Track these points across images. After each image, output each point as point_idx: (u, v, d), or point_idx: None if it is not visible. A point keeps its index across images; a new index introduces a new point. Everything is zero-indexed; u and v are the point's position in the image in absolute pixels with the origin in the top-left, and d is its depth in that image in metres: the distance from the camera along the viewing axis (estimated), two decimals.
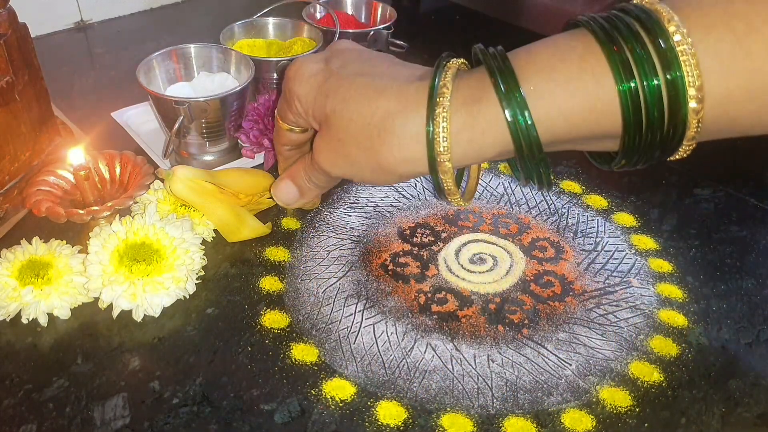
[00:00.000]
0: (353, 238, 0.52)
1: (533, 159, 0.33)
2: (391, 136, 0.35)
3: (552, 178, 0.34)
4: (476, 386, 0.41)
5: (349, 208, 0.55)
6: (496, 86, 0.32)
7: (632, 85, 0.30)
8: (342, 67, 0.38)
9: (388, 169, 0.36)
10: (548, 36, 0.35)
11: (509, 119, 0.32)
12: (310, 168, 0.42)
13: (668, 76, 0.29)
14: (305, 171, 0.43)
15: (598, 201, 0.57)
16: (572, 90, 0.31)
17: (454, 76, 0.34)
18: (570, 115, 0.32)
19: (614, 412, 0.40)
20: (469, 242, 0.52)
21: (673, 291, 0.49)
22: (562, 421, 0.39)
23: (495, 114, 0.32)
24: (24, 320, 0.43)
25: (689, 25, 0.29)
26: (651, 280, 0.49)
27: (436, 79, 0.34)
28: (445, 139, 0.33)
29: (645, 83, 0.30)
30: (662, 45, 0.29)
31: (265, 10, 0.67)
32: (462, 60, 0.36)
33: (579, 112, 0.31)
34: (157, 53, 0.58)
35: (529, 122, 0.31)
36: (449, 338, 0.44)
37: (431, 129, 0.33)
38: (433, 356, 0.43)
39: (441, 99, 0.33)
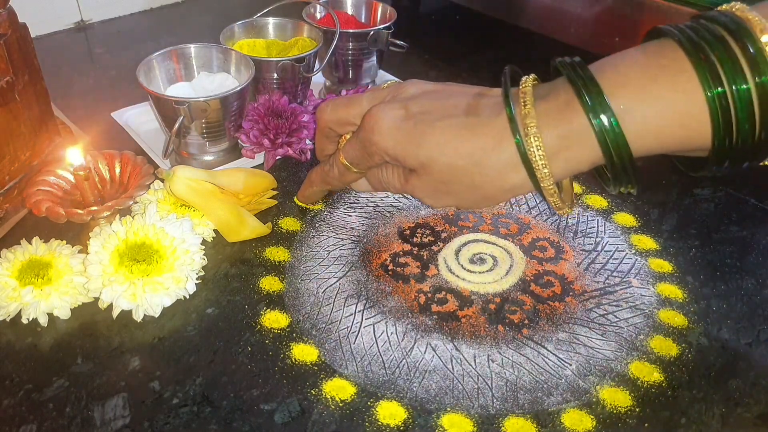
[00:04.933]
0: (353, 238, 0.52)
1: (623, 167, 0.34)
2: (491, 171, 0.36)
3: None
4: (476, 386, 0.41)
5: (349, 208, 0.55)
6: (585, 106, 0.33)
7: (720, 90, 0.30)
8: (423, 112, 0.39)
9: (492, 199, 0.39)
10: (547, 36, 0.36)
11: (601, 142, 0.33)
12: (398, 189, 0.43)
13: (758, 79, 0.29)
14: (384, 184, 0.43)
15: (598, 201, 0.57)
16: (663, 109, 0.32)
17: (534, 101, 0.35)
18: (660, 133, 0.33)
19: (614, 412, 0.40)
20: (469, 242, 0.52)
21: (673, 291, 0.49)
22: (562, 421, 0.39)
23: (586, 133, 0.33)
24: (24, 320, 0.43)
25: None
26: (651, 280, 0.49)
27: (512, 110, 0.35)
28: (544, 165, 0.35)
29: (734, 87, 0.30)
30: (751, 50, 0.29)
31: (265, 10, 0.67)
32: (532, 76, 0.37)
33: (669, 130, 0.32)
34: (157, 53, 0.58)
35: (621, 141, 0.33)
36: (449, 338, 0.44)
37: (527, 161, 0.35)
38: (433, 356, 0.43)
39: (530, 130, 0.34)
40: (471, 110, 0.37)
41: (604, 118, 0.32)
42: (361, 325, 0.45)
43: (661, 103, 0.32)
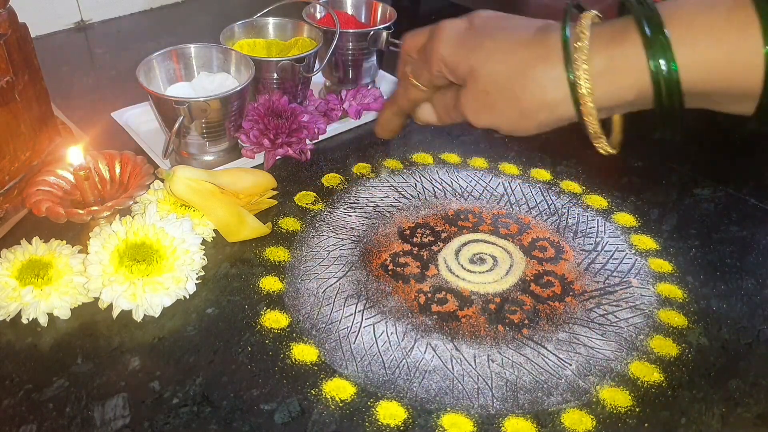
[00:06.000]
0: (353, 238, 0.52)
1: (671, 104, 0.33)
2: (532, 83, 0.37)
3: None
4: (476, 386, 0.41)
5: (349, 208, 0.55)
6: (641, 29, 0.33)
7: None
8: (483, 25, 0.40)
9: (530, 115, 0.38)
10: None
11: (651, 61, 0.33)
12: (453, 111, 0.43)
13: None
14: (446, 109, 0.45)
15: (598, 201, 0.57)
16: (716, 39, 0.32)
17: (591, 23, 0.35)
18: (711, 65, 0.32)
19: (614, 412, 0.40)
20: (469, 242, 0.52)
21: (673, 291, 0.49)
22: (562, 421, 0.39)
23: (637, 56, 0.33)
24: (24, 320, 0.43)
25: None
26: (651, 280, 0.49)
27: (567, 27, 0.35)
28: (586, 80, 0.34)
29: None
30: None
31: (265, 10, 0.67)
32: (595, 12, 0.37)
33: (720, 63, 0.32)
34: (157, 53, 0.58)
35: (672, 66, 0.32)
36: (449, 338, 0.44)
37: (571, 73, 0.35)
38: (433, 356, 0.43)
39: (580, 44, 0.34)
40: (529, 27, 0.38)
41: (657, 42, 0.32)
42: (361, 325, 0.45)
43: (715, 34, 0.32)
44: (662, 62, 0.32)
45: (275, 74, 0.61)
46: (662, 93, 0.33)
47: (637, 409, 0.40)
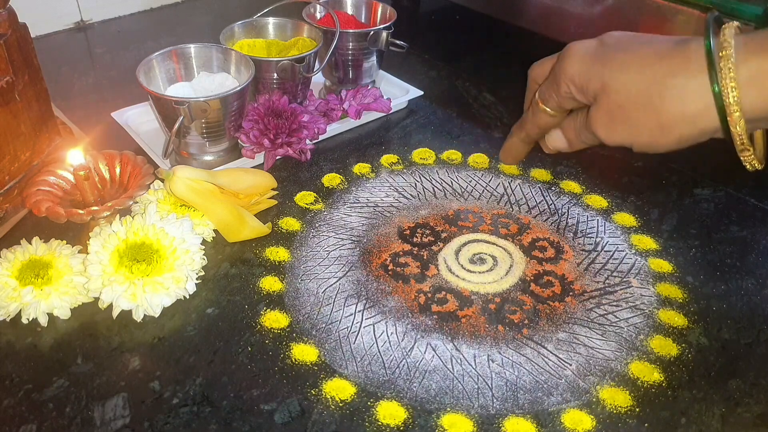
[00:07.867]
0: (353, 238, 0.52)
1: None
2: (672, 94, 0.35)
3: None
4: (476, 386, 0.41)
5: (349, 208, 0.55)
6: None
7: None
8: (616, 42, 0.39)
9: (669, 128, 0.36)
10: (548, 36, 0.35)
11: None
12: (584, 131, 0.43)
13: None
14: (576, 132, 0.44)
15: (598, 201, 0.57)
16: None
17: (734, 33, 0.34)
18: None
19: (614, 412, 0.40)
20: (469, 242, 0.52)
21: (673, 291, 0.49)
22: (562, 421, 0.39)
23: None
24: (24, 320, 0.43)
25: None
26: (651, 280, 0.49)
27: (710, 36, 0.34)
28: (734, 89, 0.33)
29: None
30: None
31: (265, 10, 0.67)
32: (737, 23, 0.36)
33: None
34: (157, 53, 0.58)
35: None
36: (449, 338, 0.44)
37: (716, 82, 0.33)
38: (433, 356, 0.43)
39: (725, 52, 0.33)
40: (666, 41, 0.37)
41: None
42: (361, 325, 0.45)
43: None
44: None
45: (275, 74, 0.61)
46: None
47: (637, 409, 0.40)
